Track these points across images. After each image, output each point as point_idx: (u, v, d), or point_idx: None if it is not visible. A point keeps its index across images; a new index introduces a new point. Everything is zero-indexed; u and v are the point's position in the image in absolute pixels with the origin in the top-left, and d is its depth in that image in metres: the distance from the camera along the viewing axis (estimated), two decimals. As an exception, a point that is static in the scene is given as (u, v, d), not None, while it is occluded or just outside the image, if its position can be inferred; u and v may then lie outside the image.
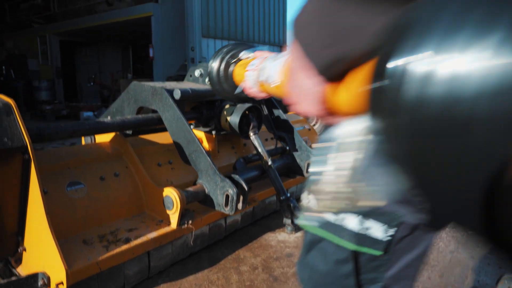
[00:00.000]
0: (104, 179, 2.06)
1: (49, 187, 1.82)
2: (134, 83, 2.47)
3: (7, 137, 1.54)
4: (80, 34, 12.28)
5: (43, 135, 1.81)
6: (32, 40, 12.85)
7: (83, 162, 2.05)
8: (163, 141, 2.53)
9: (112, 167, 2.14)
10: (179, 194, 1.98)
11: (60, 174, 1.92)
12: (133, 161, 2.20)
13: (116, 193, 2.07)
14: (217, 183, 2.10)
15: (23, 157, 1.60)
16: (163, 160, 2.42)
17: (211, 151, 2.79)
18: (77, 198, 1.89)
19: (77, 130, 1.95)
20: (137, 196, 2.16)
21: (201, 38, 7.98)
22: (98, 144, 2.23)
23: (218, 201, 2.12)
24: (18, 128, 1.59)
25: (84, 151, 2.12)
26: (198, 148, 2.16)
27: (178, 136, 2.23)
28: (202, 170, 2.16)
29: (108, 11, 10.15)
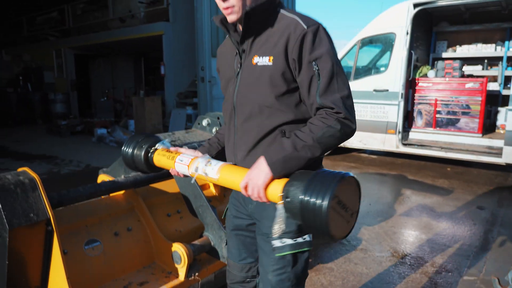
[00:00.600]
0: (118, 234, 2.24)
1: (68, 248, 2.01)
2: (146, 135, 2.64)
3: (33, 213, 1.73)
4: (94, 49, 12.61)
5: (64, 202, 2.00)
6: (48, 53, 13.22)
7: (99, 219, 2.23)
8: (172, 190, 2.70)
9: (125, 221, 2.32)
10: (187, 250, 2.15)
11: (78, 233, 2.11)
12: (144, 214, 2.38)
13: (129, 247, 2.25)
14: (222, 238, 2.26)
15: (46, 228, 1.78)
16: (172, 210, 2.59)
17: (218, 196, 2.95)
18: (93, 256, 2.08)
19: (94, 193, 2.14)
20: (148, 248, 2.34)
21: (211, 58, 8.17)
22: (112, 198, 2.41)
23: (223, 254, 2.28)
24: (42, 203, 1.77)
25: (99, 208, 2.30)
26: (204, 203, 2.32)
27: (186, 191, 2.40)
28: (208, 224, 2.33)
29: (121, 28, 10.42)
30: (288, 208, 1.17)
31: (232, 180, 1.33)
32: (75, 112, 12.56)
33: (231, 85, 1.44)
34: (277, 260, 1.37)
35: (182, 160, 1.51)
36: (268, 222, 1.37)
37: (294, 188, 1.16)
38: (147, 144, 1.75)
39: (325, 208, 1.08)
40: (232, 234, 1.63)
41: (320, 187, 1.11)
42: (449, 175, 5.86)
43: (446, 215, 4.19)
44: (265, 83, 1.30)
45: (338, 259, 3.15)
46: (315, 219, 1.11)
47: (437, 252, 3.31)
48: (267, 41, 1.31)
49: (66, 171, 6.04)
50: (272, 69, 1.28)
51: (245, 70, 1.37)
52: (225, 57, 1.51)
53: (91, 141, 8.52)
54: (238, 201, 1.55)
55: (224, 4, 1.29)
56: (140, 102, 8.56)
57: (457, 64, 6.20)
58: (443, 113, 6.22)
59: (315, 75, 1.24)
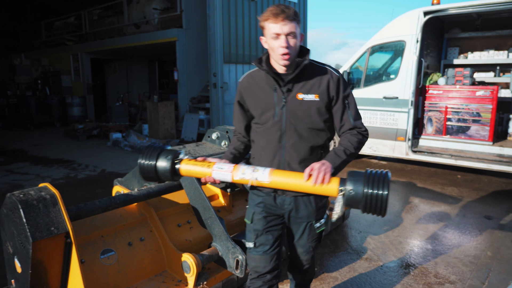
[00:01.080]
0: (132, 244, 2.38)
1: (85, 257, 2.16)
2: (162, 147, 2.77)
3: (54, 226, 1.88)
4: (110, 53, 12.90)
5: (81, 215, 2.15)
6: (65, 57, 13.59)
7: (114, 229, 2.38)
8: (182, 201, 2.84)
9: (138, 232, 2.46)
10: (195, 260, 2.28)
11: (95, 243, 2.26)
12: (156, 225, 2.52)
13: (141, 257, 2.39)
14: (229, 248, 2.39)
15: (66, 240, 1.93)
16: (182, 220, 2.73)
17: (226, 206, 3.08)
18: (108, 265, 2.22)
19: (109, 205, 2.28)
20: (160, 257, 2.48)
21: (223, 64, 8.33)
22: (127, 209, 2.55)
23: (230, 264, 2.40)
24: (62, 217, 1.92)
25: (114, 219, 2.44)
26: (212, 216, 2.45)
27: (196, 203, 2.53)
28: (216, 235, 2.45)
29: (136, 34, 10.66)
30: (351, 198, 1.60)
31: (286, 180, 1.71)
32: (91, 115, 12.88)
33: (270, 113, 1.85)
34: (317, 234, 2.02)
35: (223, 168, 1.77)
36: (306, 213, 1.94)
37: (355, 184, 1.60)
38: (170, 155, 1.89)
39: (385, 196, 1.56)
40: (263, 232, 1.98)
41: (378, 182, 1.59)
42: (459, 183, 5.87)
43: (453, 225, 4.23)
44: (314, 113, 1.82)
45: (342, 268, 3.24)
46: (376, 205, 1.58)
47: (441, 262, 3.37)
48: (307, 83, 1.82)
49: (83, 176, 6.26)
50: (319, 103, 1.81)
51: (291, 103, 1.82)
52: (257, 90, 1.90)
53: (106, 145, 8.76)
54: (271, 205, 1.95)
55: (283, 51, 1.71)
56: (154, 107, 8.76)
57: (468, 72, 6.20)
58: (453, 120, 6.23)
59: (346, 107, 1.86)
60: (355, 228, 4.10)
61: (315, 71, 1.84)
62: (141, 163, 1.90)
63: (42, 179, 6.00)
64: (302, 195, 1.89)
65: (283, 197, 1.91)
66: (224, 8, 8.32)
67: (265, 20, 1.74)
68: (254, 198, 2.00)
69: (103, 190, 5.37)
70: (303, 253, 2.06)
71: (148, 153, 1.91)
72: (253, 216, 1.99)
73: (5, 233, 2.07)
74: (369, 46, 6.54)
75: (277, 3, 9.96)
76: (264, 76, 1.86)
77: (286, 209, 1.94)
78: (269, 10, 1.74)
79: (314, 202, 1.93)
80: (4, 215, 2.00)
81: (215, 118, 8.56)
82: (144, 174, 1.93)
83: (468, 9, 5.68)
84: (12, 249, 2.02)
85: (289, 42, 1.71)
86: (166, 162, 1.86)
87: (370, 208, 1.60)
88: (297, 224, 1.99)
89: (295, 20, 1.72)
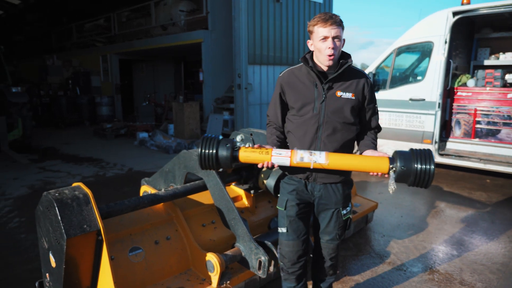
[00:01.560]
0: (158, 243, 2.46)
1: (115, 254, 2.25)
2: (184, 152, 2.86)
3: (86, 224, 1.98)
4: (137, 54, 13.22)
5: (112, 213, 2.24)
6: (95, 58, 14.02)
7: (142, 228, 2.47)
8: (207, 201, 2.91)
9: (165, 231, 2.55)
10: (219, 260, 2.34)
11: (123, 241, 2.35)
12: (181, 225, 2.60)
13: (167, 255, 2.47)
14: (252, 249, 2.43)
15: (97, 237, 2.03)
16: (207, 220, 2.80)
17: (250, 208, 3.13)
18: (136, 262, 2.31)
19: (137, 205, 2.37)
20: (185, 256, 2.55)
21: (248, 65, 8.39)
22: (154, 209, 2.64)
23: (252, 264, 2.45)
24: (94, 215, 2.01)
25: (142, 218, 2.54)
26: (236, 217, 2.50)
27: (220, 204, 2.59)
28: (240, 236, 2.50)
29: (163, 35, 10.88)
30: (402, 173, 1.84)
31: (342, 162, 1.92)
32: (119, 115, 13.23)
33: (310, 106, 2.05)
34: (344, 221, 2.20)
35: (281, 153, 1.96)
36: (334, 200, 2.14)
37: (405, 161, 1.85)
38: (229, 143, 2.03)
39: (433, 170, 1.81)
40: (296, 218, 2.17)
41: (424, 157, 1.84)
42: (488, 187, 5.71)
43: (480, 231, 4.13)
44: (348, 109, 2.05)
45: (365, 272, 3.24)
46: (424, 178, 1.83)
47: (467, 269, 3.31)
48: (346, 83, 2.06)
49: (111, 174, 6.46)
50: (354, 101, 2.06)
51: (330, 99, 2.04)
52: (299, 85, 2.10)
53: (133, 144, 8.99)
54: (303, 192, 2.15)
55: (330, 52, 1.94)
56: (180, 107, 8.92)
57: (499, 74, 6.02)
58: (483, 123, 6.06)
59: (375, 109, 2.19)
60: (378, 232, 4.07)
61: (353, 73, 2.10)
62: (202, 152, 2.03)
63: (72, 177, 6.24)
64: (331, 182, 2.11)
65: (313, 184, 2.12)
66: (249, 9, 8.38)
67: (314, 24, 1.97)
68: (286, 187, 2.20)
69: (130, 189, 5.54)
70: (329, 241, 2.23)
71: (208, 143, 2.04)
72: (286, 203, 2.18)
73: (41, 229, 2.19)
74: (396, 47, 6.45)
75: (302, 3, 9.99)
76: (306, 73, 2.09)
77: (316, 195, 2.15)
78: (318, 16, 1.97)
79: (341, 189, 2.14)
80: (41, 212, 2.12)
81: (239, 119, 8.64)
82: (204, 162, 2.05)
83: (500, 9, 5.52)
84: (47, 245, 2.14)
85: (335, 44, 1.95)
86: (226, 150, 2.01)
87: (419, 181, 1.84)
88: (325, 211, 2.18)
89: (340, 26, 1.96)
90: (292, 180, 2.18)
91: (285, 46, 9.65)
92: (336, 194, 2.14)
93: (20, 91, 8.91)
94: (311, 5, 10.37)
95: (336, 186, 2.13)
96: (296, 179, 2.16)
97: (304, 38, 10.28)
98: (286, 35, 9.62)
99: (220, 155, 2.01)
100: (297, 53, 10.07)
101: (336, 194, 2.14)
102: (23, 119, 8.42)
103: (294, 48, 10.01)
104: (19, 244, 3.76)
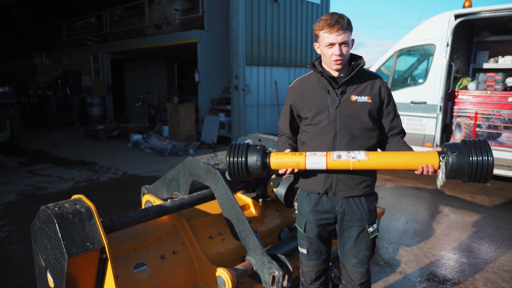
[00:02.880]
0: (165, 258, 2.30)
1: (119, 271, 2.08)
2: (189, 159, 2.69)
3: (89, 241, 1.81)
4: (130, 53, 12.97)
5: (115, 227, 2.08)
6: (86, 57, 13.71)
7: (147, 242, 2.30)
8: (213, 211, 2.75)
9: (171, 244, 2.38)
10: (231, 276, 2.18)
11: (128, 256, 2.18)
12: (188, 237, 2.43)
13: (174, 270, 2.31)
14: (265, 263, 2.28)
15: (101, 255, 1.86)
16: (214, 232, 2.64)
17: (258, 217, 2.98)
18: (142, 280, 2.15)
19: (143, 217, 2.21)
20: (192, 270, 2.39)
21: (245, 67, 8.23)
22: (159, 221, 2.47)
23: (265, 279, 2.30)
24: (97, 231, 1.84)
25: (147, 231, 2.37)
26: (247, 228, 2.35)
27: (229, 214, 2.43)
28: (251, 249, 2.35)
29: (157, 35, 10.66)
30: (456, 166, 1.65)
31: (383, 159, 1.78)
32: (110, 116, 12.94)
33: (324, 114, 1.91)
34: (371, 240, 2.01)
35: (316, 153, 1.83)
36: (358, 216, 1.95)
37: (457, 152, 1.67)
38: (259, 150, 1.91)
39: (491, 161, 1.61)
40: (316, 239, 2.06)
41: (480, 148, 1.65)
42: (489, 191, 5.65)
43: (487, 237, 4.05)
44: (366, 114, 1.89)
45: (377, 283, 3.11)
46: (482, 171, 1.63)
47: (479, 278, 3.21)
48: (360, 86, 1.91)
49: (105, 178, 6.24)
50: (372, 104, 1.91)
51: (344, 104, 1.89)
52: (311, 93, 1.97)
53: (127, 147, 8.76)
54: (322, 211, 1.99)
55: (338, 58, 1.81)
56: (175, 108, 8.73)
57: (500, 77, 5.97)
58: (483, 126, 6.01)
59: (396, 112, 2.01)
60: (385, 239, 3.95)
61: (367, 76, 1.96)
62: (231, 161, 1.91)
63: (64, 182, 6.01)
64: (354, 196, 1.94)
65: (333, 199, 1.96)
66: (247, 9, 8.22)
67: (320, 29, 1.82)
68: (304, 205, 2.05)
69: (126, 194, 5.34)
70: (357, 265, 2.02)
71: (236, 151, 1.92)
72: (305, 225, 2.05)
73: (37, 246, 2.01)
74: (397, 50, 6.37)
75: (300, 4, 9.86)
76: (316, 80, 1.97)
77: (338, 211, 1.98)
78: (324, 20, 1.81)
79: (366, 204, 1.97)
80: (37, 227, 1.94)
81: (236, 121, 8.47)
82: (234, 171, 1.93)
83: (502, 12, 5.47)
84: (44, 263, 1.96)
85: (342, 50, 1.81)
86: (256, 157, 1.89)
87: (475, 175, 1.64)
88: (349, 229, 2.00)
89: (348, 29, 1.81)
90: (309, 198, 2.02)
91: (283, 47, 9.51)
92: (360, 209, 1.95)
93: (8, 91, 8.62)
94: (308, 6, 10.25)
95: (359, 200, 1.95)
96: (313, 195, 2.00)
97: (302, 39, 10.15)
98: (284, 36, 9.48)
99: (250, 163, 1.89)
100: (294, 55, 9.94)
101: (360, 209, 1.95)
102: (11, 120, 8.13)
103: (292, 49, 9.87)
104: (10, 256, 3.56)
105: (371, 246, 2.01)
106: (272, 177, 2.90)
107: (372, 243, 2.02)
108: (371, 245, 2.02)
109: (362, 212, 1.96)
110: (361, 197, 1.96)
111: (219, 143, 8.90)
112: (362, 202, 1.96)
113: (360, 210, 1.96)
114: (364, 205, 1.96)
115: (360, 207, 1.96)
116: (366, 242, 1.99)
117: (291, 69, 9.85)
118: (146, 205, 2.89)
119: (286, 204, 2.82)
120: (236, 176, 1.94)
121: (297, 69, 9.98)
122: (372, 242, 2.01)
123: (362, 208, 1.96)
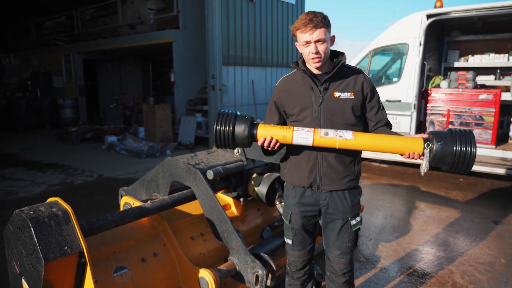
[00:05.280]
0: (145, 260, 2.24)
1: (98, 276, 2.02)
2: (169, 159, 2.65)
3: (67, 245, 1.74)
4: (103, 54, 12.67)
5: (94, 230, 2.01)
6: (57, 58, 13.29)
7: (126, 244, 2.24)
8: (195, 212, 2.71)
9: (152, 246, 2.33)
10: (213, 276, 2.16)
11: (107, 260, 2.12)
12: (169, 238, 2.39)
13: (155, 273, 2.25)
14: (248, 263, 2.27)
15: (79, 260, 1.79)
16: (196, 232, 2.60)
17: (239, 216, 2.96)
18: (122, 283, 2.08)
19: (123, 220, 2.14)
20: (174, 272, 2.35)
21: (222, 66, 8.19)
22: (139, 223, 2.41)
23: (249, 279, 2.28)
24: (75, 235, 1.78)
25: (126, 233, 2.30)
26: (229, 228, 2.33)
27: (211, 214, 2.40)
28: (233, 249, 2.33)
29: (131, 35, 10.45)
30: (439, 154, 1.68)
31: (370, 140, 1.80)
32: (83, 117, 12.60)
33: (308, 110, 1.95)
34: (354, 232, 2.05)
35: (303, 128, 1.85)
36: (341, 209, 2.00)
37: (442, 140, 1.68)
38: (248, 120, 1.90)
39: (474, 153, 1.63)
40: (301, 230, 2.10)
41: (465, 138, 1.66)
42: (462, 186, 5.83)
43: (462, 231, 4.16)
44: (348, 109, 1.93)
45: (358, 279, 3.14)
46: (464, 161, 1.65)
47: (457, 271, 3.29)
48: (343, 82, 1.95)
49: (80, 181, 6.06)
50: (354, 101, 1.94)
51: (328, 100, 1.94)
52: (295, 90, 2.01)
53: (101, 149, 8.54)
54: (307, 204, 2.05)
55: (314, 55, 1.85)
56: (151, 109, 8.58)
57: (471, 75, 6.17)
58: (456, 123, 6.19)
59: (380, 106, 2.03)
60: (365, 235, 4.00)
61: (350, 72, 2.00)
62: (218, 129, 1.89)
63: (37, 186, 5.80)
64: (337, 189, 1.98)
65: (318, 192, 2.00)
66: (223, 9, 8.18)
67: (296, 29, 1.88)
68: (290, 198, 2.10)
69: (102, 197, 5.20)
70: (340, 256, 2.07)
71: (224, 120, 1.91)
72: (290, 217, 2.11)
73: (11, 252, 1.92)
74: (371, 49, 6.47)
75: (275, 4, 9.90)
76: (301, 77, 2.01)
77: (321, 204, 2.04)
78: (299, 19, 1.86)
79: (349, 198, 2.01)
80: (11, 232, 1.85)
81: (213, 121, 8.41)
82: (220, 140, 1.92)
83: (472, 13, 5.65)
84: (19, 269, 1.88)
85: (318, 48, 1.85)
86: (243, 127, 1.87)
87: (457, 165, 1.67)
88: (333, 222, 2.05)
89: (323, 27, 1.84)
90: (295, 191, 2.08)
91: (259, 47, 9.51)
92: (343, 202, 2.01)
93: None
94: (283, 6, 10.30)
95: (343, 194, 2.00)
96: (299, 188, 2.05)
97: (278, 39, 10.19)
98: (260, 35, 9.49)
99: (237, 132, 1.88)
100: (271, 54, 9.97)
101: (343, 202, 2.01)
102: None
103: (268, 49, 9.89)
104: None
105: (353, 238, 2.07)
106: (253, 176, 2.89)
107: (355, 235, 2.07)
108: (354, 237, 2.07)
109: (345, 205, 2.01)
110: (344, 191, 2.01)
111: (197, 143, 8.81)
112: (345, 195, 2.01)
113: (343, 204, 2.01)
114: (348, 199, 2.01)
115: (344, 200, 2.01)
116: (349, 234, 2.05)
117: (268, 69, 9.87)
118: (124, 207, 2.81)
119: (267, 203, 2.81)
120: (221, 144, 1.94)
121: (274, 68, 10.02)
122: (355, 234, 2.07)
123: (346, 201, 2.01)
